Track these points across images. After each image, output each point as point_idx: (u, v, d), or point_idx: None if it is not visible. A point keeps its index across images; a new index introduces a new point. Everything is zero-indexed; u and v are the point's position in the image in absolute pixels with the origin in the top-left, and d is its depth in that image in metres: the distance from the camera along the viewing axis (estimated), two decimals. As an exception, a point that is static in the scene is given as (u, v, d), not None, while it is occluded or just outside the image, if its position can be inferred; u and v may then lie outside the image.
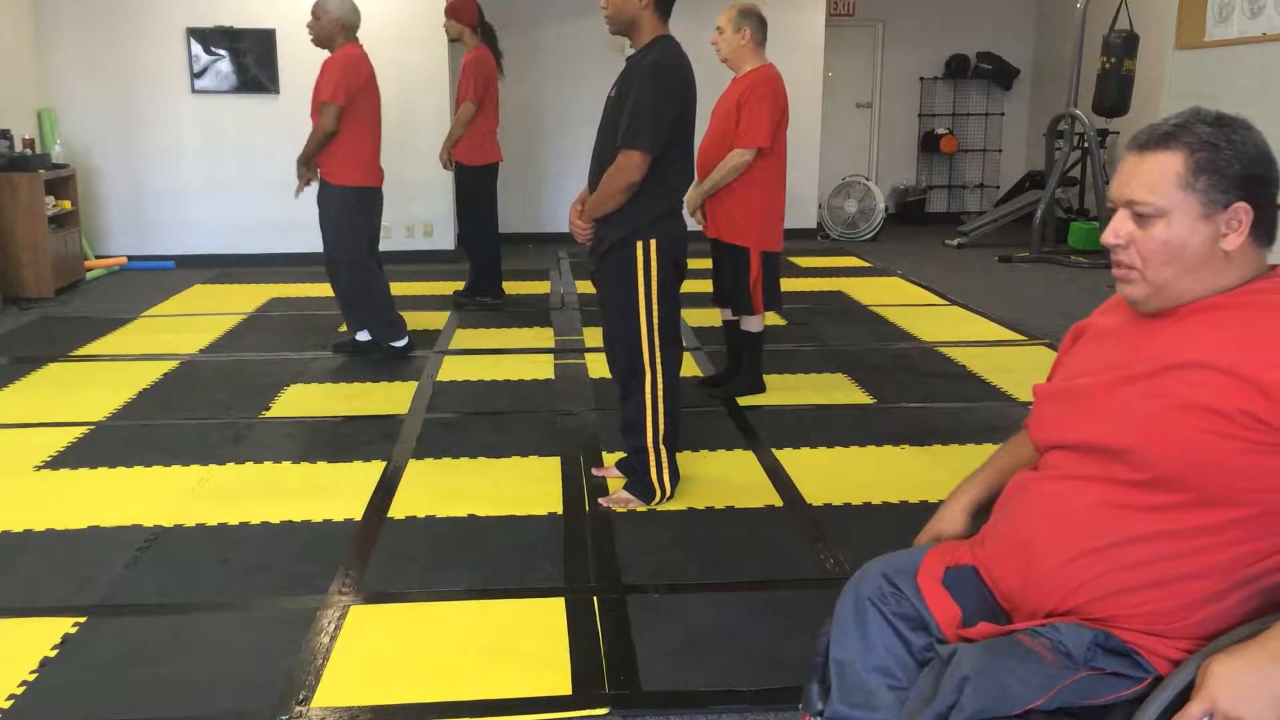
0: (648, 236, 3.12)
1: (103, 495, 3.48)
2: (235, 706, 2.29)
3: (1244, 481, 1.30)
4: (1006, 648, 1.39)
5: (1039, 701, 1.33)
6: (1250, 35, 4.29)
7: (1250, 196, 1.37)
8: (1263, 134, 1.40)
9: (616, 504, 3.34)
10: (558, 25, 9.24)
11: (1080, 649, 1.36)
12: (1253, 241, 1.39)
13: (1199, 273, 1.40)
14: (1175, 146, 1.39)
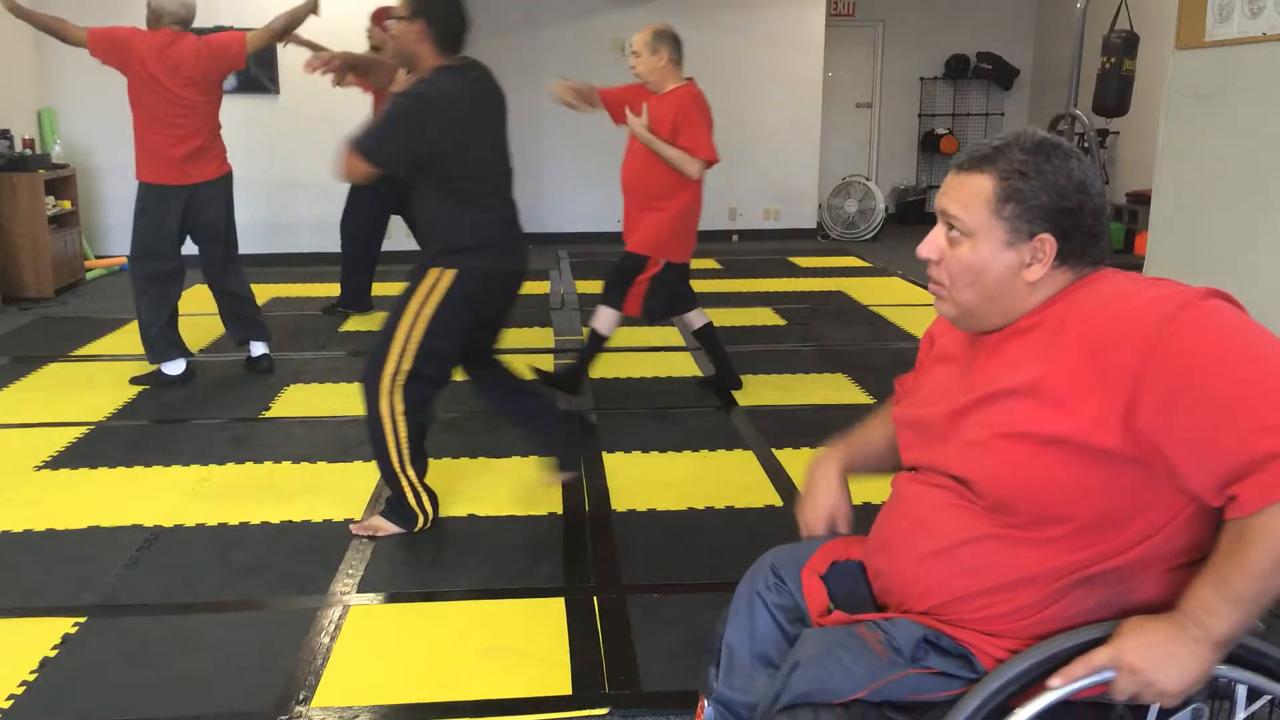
0: (446, 266, 2.97)
1: (103, 495, 3.48)
2: (235, 706, 2.29)
3: (1069, 495, 1.30)
4: (842, 638, 1.42)
5: (861, 693, 1.35)
6: (1250, 35, 4.29)
7: (1055, 228, 1.36)
8: (1083, 161, 1.38)
9: (365, 530, 3.15)
10: (558, 25, 9.24)
11: (909, 645, 1.37)
12: (1060, 269, 1.38)
13: (1001, 300, 1.39)
14: (989, 170, 1.38)
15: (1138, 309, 1.29)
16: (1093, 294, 1.37)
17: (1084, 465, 1.28)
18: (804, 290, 7.20)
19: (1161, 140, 4.86)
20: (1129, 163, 9.25)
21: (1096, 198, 1.37)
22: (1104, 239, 1.40)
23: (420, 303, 2.97)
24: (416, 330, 2.98)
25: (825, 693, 1.36)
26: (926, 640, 1.38)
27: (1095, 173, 1.38)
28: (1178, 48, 4.69)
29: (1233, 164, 4.42)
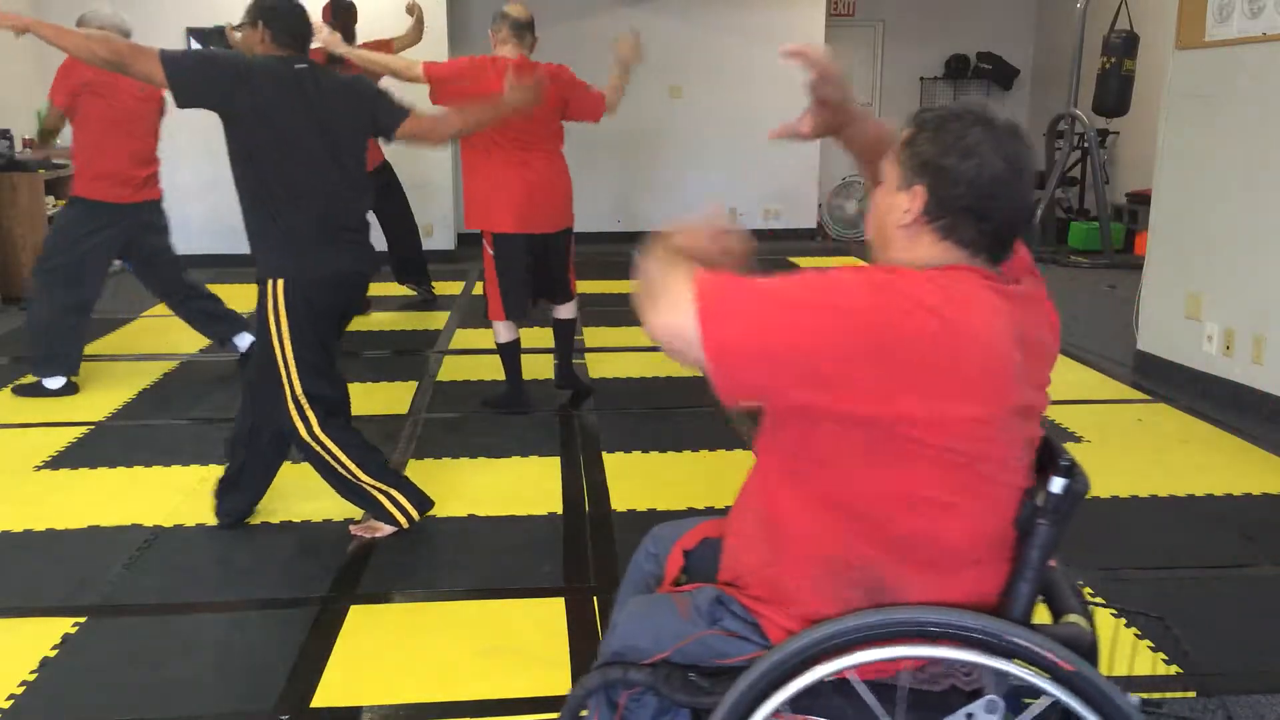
0: (274, 275, 2.92)
1: (103, 495, 3.47)
2: (235, 706, 2.29)
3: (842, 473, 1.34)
4: (659, 602, 1.51)
5: (665, 653, 1.42)
6: (1250, 35, 4.28)
7: (927, 183, 1.36)
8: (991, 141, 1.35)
9: (365, 531, 3.15)
10: (557, 25, 9.24)
11: (706, 606, 1.44)
12: (932, 231, 1.37)
13: (887, 241, 1.44)
14: (911, 122, 1.44)
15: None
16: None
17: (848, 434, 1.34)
18: (804, 290, 7.21)
19: (1161, 140, 4.85)
20: (1129, 163, 9.25)
21: (982, 173, 1.34)
22: (987, 225, 1.36)
23: (274, 322, 2.93)
24: (287, 350, 2.95)
25: (635, 651, 1.45)
26: (720, 601, 1.44)
27: (1006, 158, 1.35)
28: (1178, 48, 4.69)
29: (1233, 164, 4.42)
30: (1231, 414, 4.33)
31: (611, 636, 1.49)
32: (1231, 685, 2.36)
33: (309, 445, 3.03)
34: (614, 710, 1.47)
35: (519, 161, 4.14)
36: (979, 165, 1.34)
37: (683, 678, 1.39)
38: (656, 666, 1.42)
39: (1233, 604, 2.76)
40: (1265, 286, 4.26)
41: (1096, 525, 3.26)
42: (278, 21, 2.96)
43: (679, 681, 1.39)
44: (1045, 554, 1.32)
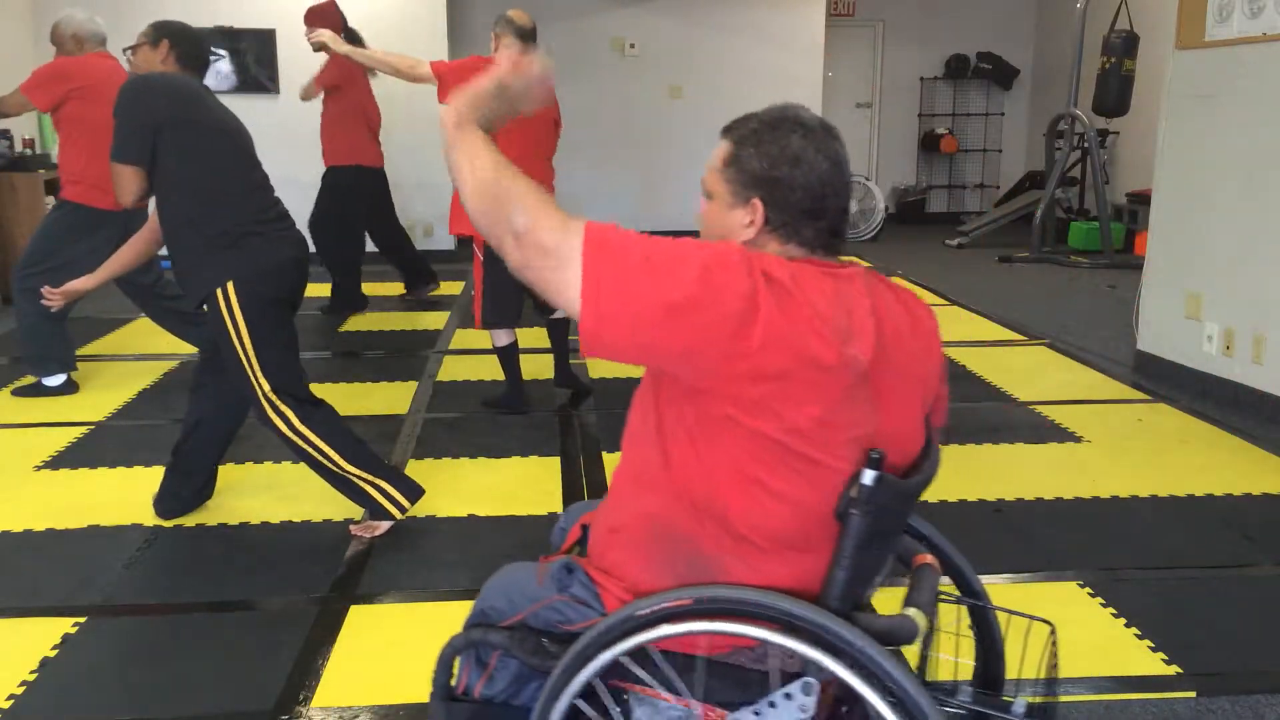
0: (222, 281, 2.91)
1: (103, 495, 3.48)
2: (235, 706, 2.29)
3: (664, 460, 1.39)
4: (523, 568, 1.59)
5: (521, 615, 1.51)
6: (1250, 35, 4.28)
7: (764, 195, 1.42)
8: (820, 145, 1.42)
9: (365, 531, 3.16)
10: (557, 25, 9.24)
11: (556, 574, 1.52)
12: (775, 236, 1.43)
13: None
14: (728, 136, 1.47)
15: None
16: None
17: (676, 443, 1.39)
18: (804, 290, 7.21)
19: (1161, 140, 4.85)
20: (1129, 163, 9.25)
21: (810, 175, 1.41)
22: (822, 222, 1.43)
23: (233, 328, 2.93)
24: (250, 353, 2.95)
25: (495, 613, 1.54)
26: (567, 568, 1.51)
27: (826, 156, 1.42)
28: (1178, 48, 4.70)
29: (1233, 164, 4.42)
30: (1231, 414, 4.33)
31: (478, 600, 1.58)
32: (1231, 685, 2.36)
33: (292, 441, 3.04)
34: (483, 669, 1.56)
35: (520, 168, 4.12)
36: (808, 170, 1.41)
37: (535, 642, 1.46)
38: (513, 630, 1.49)
39: (1233, 604, 2.76)
40: (1265, 286, 4.26)
41: (1096, 525, 3.27)
42: (183, 44, 3.06)
43: (531, 645, 1.46)
44: (858, 543, 1.33)
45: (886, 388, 1.41)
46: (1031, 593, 2.83)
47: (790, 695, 1.34)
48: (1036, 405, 4.48)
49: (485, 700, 1.56)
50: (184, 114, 2.91)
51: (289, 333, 3.08)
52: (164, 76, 3.00)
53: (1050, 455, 3.89)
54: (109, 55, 4.65)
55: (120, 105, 2.90)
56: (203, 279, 2.95)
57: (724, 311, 1.26)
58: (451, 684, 1.58)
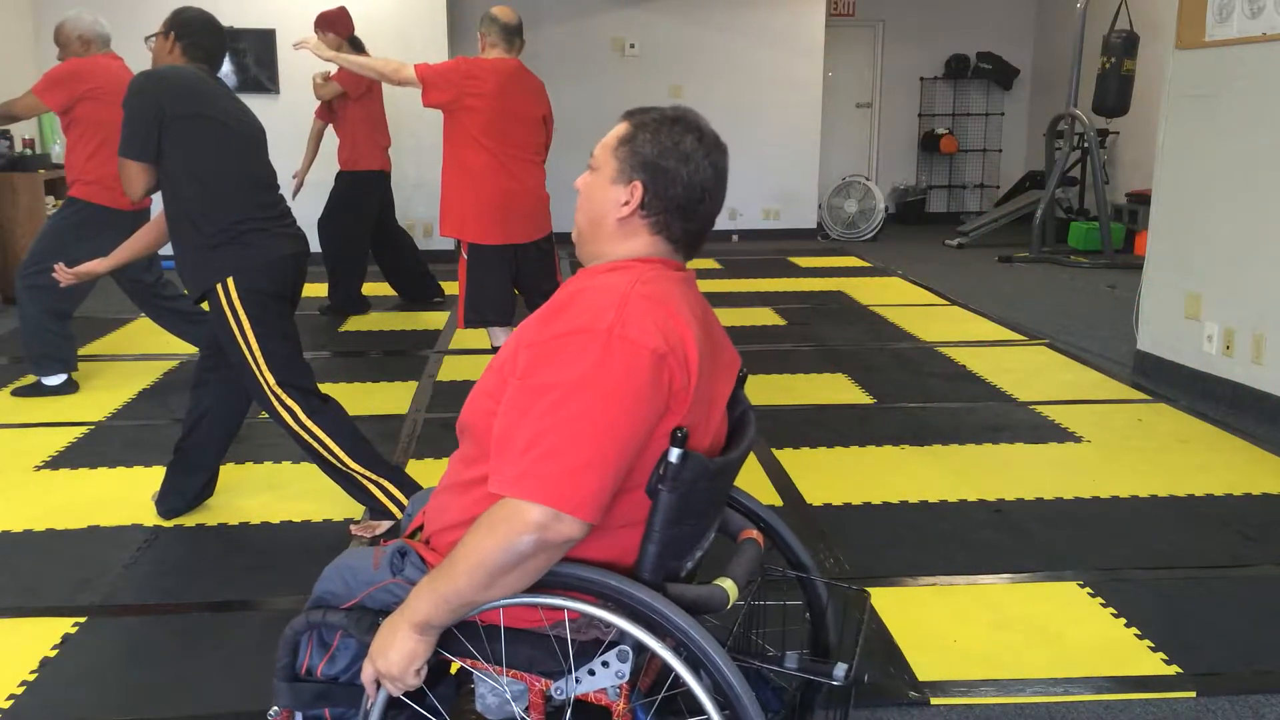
0: (221, 276, 2.92)
1: (103, 495, 3.48)
2: (235, 706, 2.29)
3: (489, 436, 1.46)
4: (360, 553, 1.66)
5: (357, 598, 1.57)
6: (1250, 35, 4.28)
7: (647, 179, 1.51)
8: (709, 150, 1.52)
9: (365, 531, 3.16)
10: (557, 25, 9.24)
11: (390, 559, 1.58)
12: (646, 225, 1.54)
13: (598, 230, 1.57)
14: (630, 119, 1.56)
15: (586, 309, 1.42)
16: (613, 276, 1.50)
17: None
18: (804, 290, 7.21)
19: (1161, 140, 4.85)
20: (1129, 163, 9.25)
21: (695, 176, 1.51)
22: (692, 225, 1.54)
23: (235, 324, 2.94)
24: (254, 348, 2.96)
25: (333, 596, 1.61)
26: (400, 552, 1.59)
27: (712, 165, 1.52)
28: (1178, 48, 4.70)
29: (1233, 164, 4.42)
30: (1231, 414, 4.33)
31: (318, 582, 1.64)
32: (1231, 685, 2.36)
33: (298, 434, 3.05)
34: (326, 649, 1.62)
35: (501, 170, 4.09)
36: (693, 170, 1.51)
37: (372, 621, 1.50)
38: (351, 611, 1.55)
39: (1233, 604, 2.76)
40: (1265, 286, 4.26)
41: (1096, 525, 3.27)
42: (190, 35, 3.04)
43: (368, 624, 1.50)
44: (667, 518, 1.40)
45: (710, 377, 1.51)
46: (1031, 593, 2.83)
47: (607, 663, 1.42)
48: (1036, 405, 4.48)
49: (329, 679, 1.62)
50: (187, 109, 2.91)
51: (291, 326, 3.08)
52: (171, 70, 2.99)
53: (1050, 455, 3.89)
54: (116, 56, 4.66)
55: (127, 100, 2.90)
56: (204, 274, 2.95)
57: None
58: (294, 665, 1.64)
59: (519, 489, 1.32)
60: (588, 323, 1.40)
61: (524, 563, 1.33)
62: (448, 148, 4.11)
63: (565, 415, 1.34)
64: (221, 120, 2.98)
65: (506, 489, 1.34)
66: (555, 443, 1.33)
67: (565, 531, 1.32)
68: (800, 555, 1.77)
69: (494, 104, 4.02)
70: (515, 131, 4.11)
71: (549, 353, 1.40)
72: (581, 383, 1.35)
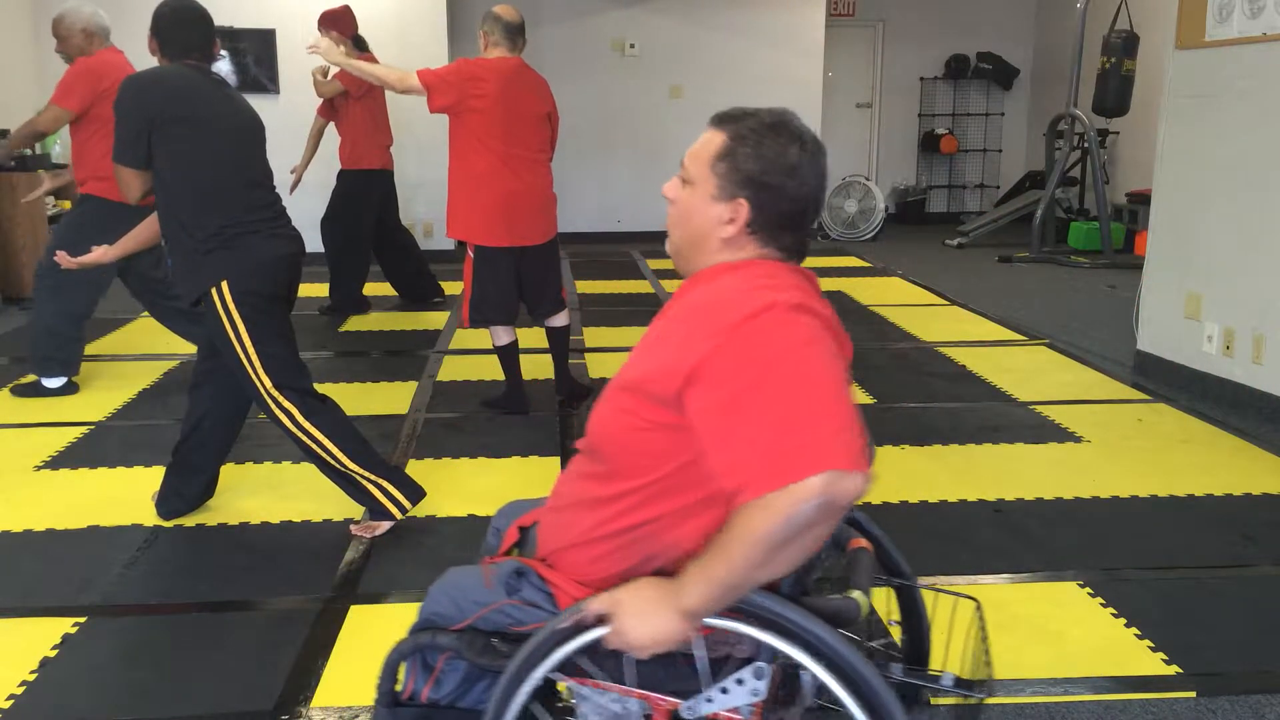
0: (217, 280, 2.91)
1: (103, 495, 3.47)
2: (235, 706, 2.29)
3: (639, 450, 1.42)
4: (469, 573, 1.61)
5: (469, 620, 1.52)
6: (1250, 35, 4.28)
7: (753, 196, 1.45)
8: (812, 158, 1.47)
9: (365, 531, 3.16)
10: (557, 25, 9.24)
11: (504, 578, 1.53)
12: (754, 240, 1.48)
13: (700, 247, 1.51)
14: (724, 129, 1.48)
15: (736, 299, 1.38)
16: (730, 275, 1.46)
17: (659, 427, 1.39)
18: (804, 290, 7.20)
19: (1161, 140, 4.85)
20: (1129, 163, 9.25)
21: (802, 189, 1.46)
22: (801, 233, 1.50)
23: (230, 327, 2.93)
24: (250, 350, 2.95)
25: (442, 618, 1.55)
26: (518, 572, 1.53)
27: (816, 171, 1.48)
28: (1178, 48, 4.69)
29: (1233, 164, 4.42)
30: (1231, 414, 4.33)
31: (424, 604, 1.59)
32: (1231, 685, 2.36)
33: (296, 436, 3.05)
34: (429, 672, 1.58)
35: (506, 171, 4.08)
36: (800, 184, 1.46)
37: (485, 643, 1.47)
38: (463, 633, 1.50)
39: (1233, 604, 2.76)
40: (1265, 286, 4.26)
41: (1096, 525, 3.27)
42: (163, 32, 3.00)
43: (481, 646, 1.47)
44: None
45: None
46: (1032, 592, 2.83)
47: (742, 680, 1.37)
48: (1036, 405, 4.48)
49: (432, 704, 1.58)
50: (172, 112, 2.89)
51: (286, 327, 3.08)
52: (155, 74, 2.97)
53: (1050, 455, 3.89)
54: (118, 50, 4.62)
55: (116, 105, 2.90)
56: (197, 278, 2.95)
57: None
58: (397, 690, 1.60)
59: (789, 472, 1.24)
60: (755, 306, 1.35)
61: (806, 531, 1.26)
62: (453, 149, 4.11)
63: (792, 390, 1.29)
64: (208, 122, 2.95)
65: (775, 480, 1.25)
66: (800, 416, 1.27)
67: (850, 487, 1.25)
68: (900, 563, 1.70)
69: (497, 104, 4.01)
70: (519, 131, 4.10)
71: (735, 348, 1.33)
72: (789, 356, 1.31)
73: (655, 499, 1.41)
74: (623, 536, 1.44)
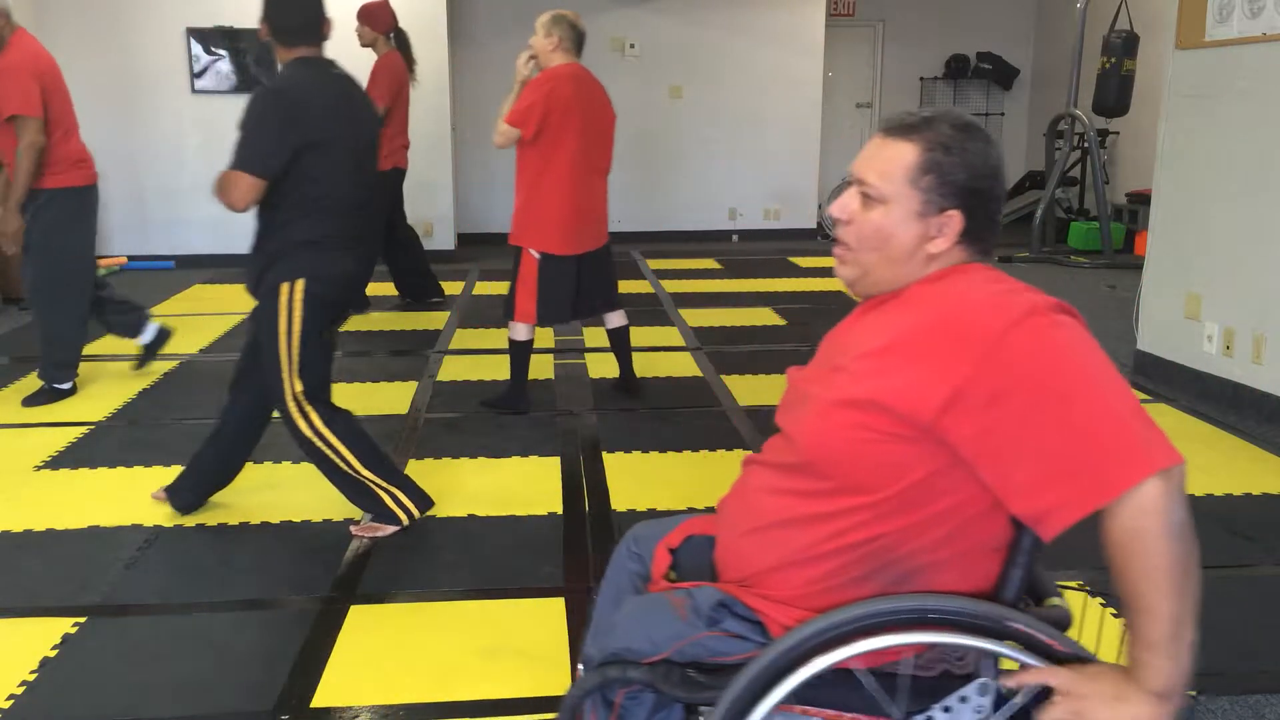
0: (293, 276, 2.92)
1: (103, 495, 3.47)
2: (235, 706, 2.29)
3: (878, 466, 1.35)
4: (654, 602, 1.50)
5: (664, 653, 1.42)
6: (1250, 35, 4.28)
7: (965, 206, 1.40)
8: (999, 150, 1.43)
9: (365, 532, 3.16)
10: (558, 25, 9.23)
11: (707, 609, 1.44)
12: (960, 248, 1.43)
13: (902, 265, 1.43)
14: (914, 139, 1.40)
15: (989, 307, 1.31)
16: (959, 283, 1.40)
17: (896, 440, 1.32)
18: (804, 290, 7.21)
19: (1161, 140, 4.85)
20: (1129, 163, 9.25)
21: (1002, 185, 1.44)
22: (999, 228, 1.46)
23: (286, 321, 2.94)
24: (294, 349, 2.96)
25: (633, 652, 1.44)
26: (723, 604, 1.44)
27: (1004, 162, 1.44)
28: (1178, 48, 4.69)
29: (1232, 164, 4.42)
30: (1231, 414, 4.33)
31: (608, 637, 1.48)
32: (1231, 685, 2.36)
33: (311, 442, 3.04)
34: (610, 709, 1.49)
35: (583, 183, 4.17)
36: (1002, 184, 1.42)
37: (681, 674, 1.40)
38: (655, 665, 1.42)
39: (1233, 604, 2.76)
40: (1265, 286, 4.26)
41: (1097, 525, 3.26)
42: (276, 18, 2.93)
43: (677, 678, 1.40)
44: (1035, 539, 1.34)
45: None
46: (1031, 593, 2.83)
47: (965, 698, 1.33)
48: (1036, 405, 4.47)
49: None
50: (316, 137, 2.85)
51: (331, 343, 3.11)
52: (294, 88, 2.88)
53: (1050, 455, 3.89)
54: (23, 29, 4.39)
55: (259, 115, 2.80)
56: (279, 269, 2.93)
57: None
58: None
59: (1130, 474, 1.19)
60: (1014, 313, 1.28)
61: (1188, 530, 1.21)
62: (528, 158, 4.12)
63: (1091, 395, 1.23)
64: (338, 142, 2.91)
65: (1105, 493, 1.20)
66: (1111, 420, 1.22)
67: (1182, 477, 1.22)
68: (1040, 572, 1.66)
69: (570, 111, 4.07)
70: (591, 138, 4.18)
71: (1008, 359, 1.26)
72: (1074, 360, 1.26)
73: (892, 513, 1.35)
74: (851, 553, 1.38)
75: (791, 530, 1.42)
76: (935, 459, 1.31)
